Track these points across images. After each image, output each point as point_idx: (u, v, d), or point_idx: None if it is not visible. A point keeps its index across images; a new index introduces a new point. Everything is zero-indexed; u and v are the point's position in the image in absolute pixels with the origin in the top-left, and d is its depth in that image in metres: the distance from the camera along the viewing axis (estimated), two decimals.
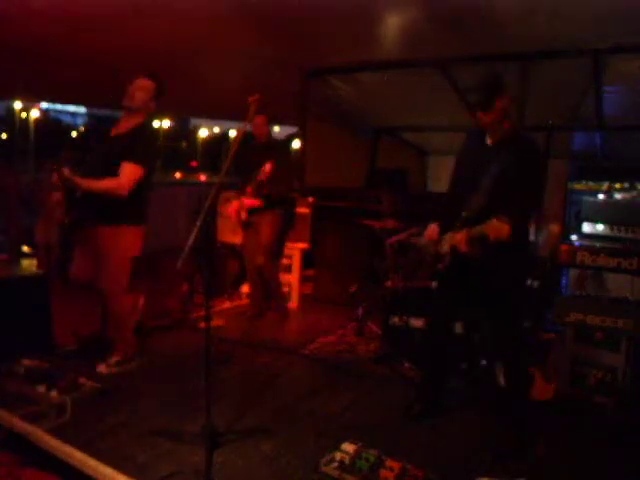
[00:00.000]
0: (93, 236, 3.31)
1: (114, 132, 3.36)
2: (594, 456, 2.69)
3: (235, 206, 4.52)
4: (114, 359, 3.43)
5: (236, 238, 5.30)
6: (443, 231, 2.81)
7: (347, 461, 2.40)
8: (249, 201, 4.42)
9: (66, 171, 3.14)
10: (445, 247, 2.74)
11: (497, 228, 2.35)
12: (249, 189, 4.37)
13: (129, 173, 3.18)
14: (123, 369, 3.43)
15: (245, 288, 5.47)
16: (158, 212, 3.68)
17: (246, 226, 4.59)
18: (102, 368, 3.39)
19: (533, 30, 3.58)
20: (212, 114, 8.33)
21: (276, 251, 4.68)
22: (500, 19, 3.47)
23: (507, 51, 3.93)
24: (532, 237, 3.87)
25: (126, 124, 3.32)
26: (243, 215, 4.48)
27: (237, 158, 2.70)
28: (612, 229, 3.44)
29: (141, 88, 3.28)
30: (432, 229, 2.90)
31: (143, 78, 3.29)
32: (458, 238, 2.58)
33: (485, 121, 2.64)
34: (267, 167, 4.13)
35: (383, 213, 4.26)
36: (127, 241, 3.32)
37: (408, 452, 2.54)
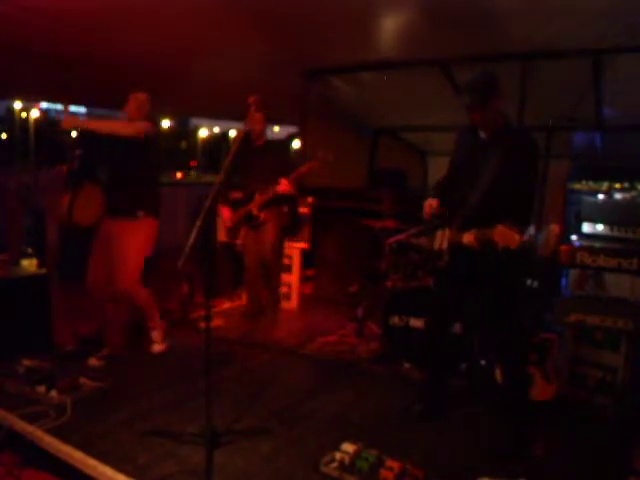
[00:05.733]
0: (111, 231, 3.44)
1: None
2: (594, 456, 2.69)
3: (226, 212, 4.49)
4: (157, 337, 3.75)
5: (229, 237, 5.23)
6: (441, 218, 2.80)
7: (347, 461, 2.40)
8: (285, 186, 4.18)
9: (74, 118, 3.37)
10: (444, 244, 2.74)
11: (506, 236, 2.36)
12: (287, 177, 4.21)
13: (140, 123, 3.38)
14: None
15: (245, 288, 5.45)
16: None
17: (255, 225, 4.51)
18: (155, 347, 3.73)
19: (533, 30, 3.58)
20: (212, 114, 8.32)
21: (281, 250, 4.65)
22: (500, 19, 3.47)
23: (507, 51, 3.93)
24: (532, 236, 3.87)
25: None
26: (261, 215, 4.41)
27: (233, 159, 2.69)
28: (612, 229, 3.44)
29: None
30: (430, 202, 2.81)
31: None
32: (469, 238, 2.57)
33: (478, 120, 2.66)
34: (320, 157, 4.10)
35: (383, 213, 4.26)
36: (144, 233, 3.45)
37: (408, 452, 2.54)
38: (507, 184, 2.54)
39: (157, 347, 3.76)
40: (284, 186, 4.20)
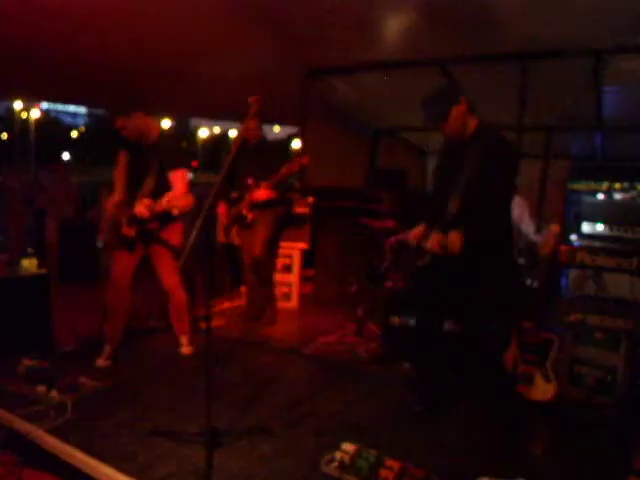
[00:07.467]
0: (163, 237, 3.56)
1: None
2: (594, 456, 2.69)
3: (223, 209, 4.51)
4: (187, 342, 3.82)
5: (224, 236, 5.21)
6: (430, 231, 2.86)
7: (347, 461, 2.40)
8: (263, 193, 4.23)
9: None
10: (427, 245, 2.78)
11: (450, 242, 2.54)
12: (266, 182, 4.22)
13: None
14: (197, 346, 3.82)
15: (244, 288, 5.45)
16: None
17: (245, 225, 4.53)
18: (184, 350, 3.79)
19: (533, 30, 3.58)
20: (212, 114, 8.33)
21: (273, 249, 4.64)
22: (500, 19, 3.47)
23: (507, 51, 3.94)
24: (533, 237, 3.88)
25: None
26: (250, 215, 4.42)
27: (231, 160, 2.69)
28: (612, 229, 3.43)
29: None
30: (418, 230, 2.95)
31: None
32: (430, 243, 2.70)
33: (447, 131, 2.73)
34: (304, 159, 4.10)
35: (383, 213, 4.26)
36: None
37: (408, 452, 2.54)
38: (479, 189, 2.58)
39: (186, 349, 3.80)
40: (262, 194, 4.23)
